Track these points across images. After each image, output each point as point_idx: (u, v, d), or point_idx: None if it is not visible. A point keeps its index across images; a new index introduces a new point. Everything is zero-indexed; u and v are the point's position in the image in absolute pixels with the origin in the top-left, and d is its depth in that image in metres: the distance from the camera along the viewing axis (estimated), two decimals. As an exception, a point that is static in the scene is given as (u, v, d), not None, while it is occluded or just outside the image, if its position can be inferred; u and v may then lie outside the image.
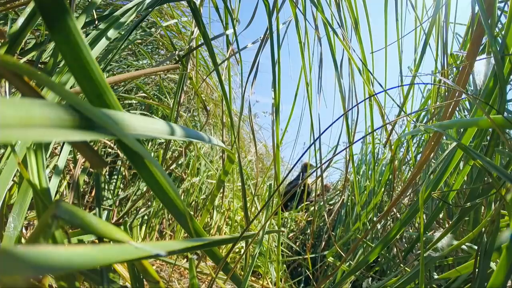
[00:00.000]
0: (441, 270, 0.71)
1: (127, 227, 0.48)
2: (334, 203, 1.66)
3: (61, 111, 0.13)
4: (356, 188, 0.83)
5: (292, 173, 2.47)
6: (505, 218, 0.45)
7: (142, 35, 1.28)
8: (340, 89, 0.73)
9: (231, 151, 0.46)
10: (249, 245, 0.46)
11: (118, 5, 1.19)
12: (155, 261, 0.88)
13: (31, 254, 0.10)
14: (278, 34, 0.64)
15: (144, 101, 1.17)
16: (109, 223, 0.18)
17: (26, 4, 0.44)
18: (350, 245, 1.03)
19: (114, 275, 0.26)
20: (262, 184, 1.67)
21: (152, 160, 0.19)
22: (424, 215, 0.78)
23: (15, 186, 0.47)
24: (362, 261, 0.51)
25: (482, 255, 0.37)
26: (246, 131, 2.20)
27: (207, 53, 1.53)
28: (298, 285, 1.15)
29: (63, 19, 0.16)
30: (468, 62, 0.47)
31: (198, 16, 0.57)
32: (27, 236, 0.44)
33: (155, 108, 1.28)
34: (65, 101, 0.13)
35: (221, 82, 0.60)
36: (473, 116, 0.43)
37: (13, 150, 0.29)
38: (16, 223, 0.29)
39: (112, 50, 0.49)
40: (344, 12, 0.72)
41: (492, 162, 0.34)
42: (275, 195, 0.79)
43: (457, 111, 0.83)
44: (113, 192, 1.03)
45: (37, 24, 0.39)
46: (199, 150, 1.28)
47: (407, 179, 0.61)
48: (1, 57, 0.13)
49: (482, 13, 0.42)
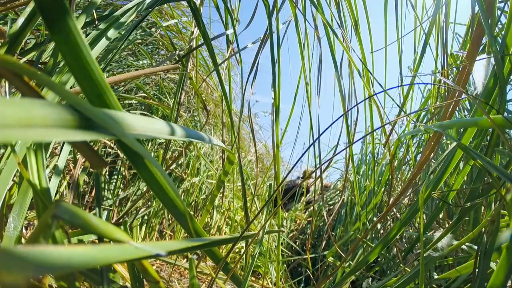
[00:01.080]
0: (441, 270, 0.71)
1: (127, 227, 0.48)
2: (334, 203, 1.66)
3: (61, 111, 0.13)
4: (356, 188, 0.83)
5: (292, 173, 2.47)
6: (505, 218, 0.45)
7: (142, 35, 1.28)
8: (340, 89, 0.73)
9: (231, 151, 0.46)
10: (249, 245, 0.46)
11: (118, 5, 1.19)
12: (155, 261, 0.88)
13: (31, 254, 0.10)
14: (278, 34, 0.64)
15: (144, 101, 1.17)
16: (109, 223, 0.18)
17: (26, 4, 0.44)
18: (350, 245, 1.03)
19: (114, 275, 0.26)
20: (262, 184, 1.67)
21: (152, 160, 0.19)
22: (424, 215, 0.78)
23: (15, 186, 0.47)
24: (362, 261, 0.51)
25: (482, 255, 0.37)
26: (246, 131, 2.21)
27: (207, 53, 1.53)
28: (298, 285, 1.15)
29: (63, 19, 0.16)
30: (468, 62, 0.47)
31: (198, 16, 0.57)
32: (27, 236, 0.44)
33: (155, 108, 1.28)
34: (65, 101, 0.13)
35: (221, 82, 0.60)
36: (473, 116, 0.43)
37: (13, 150, 0.29)
38: (16, 223, 0.29)
39: (112, 50, 0.49)
40: (344, 12, 0.72)
41: (492, 162, 0.34)
42: (275, 195, 0.79)
43: (457, 111, 0.83)
44: (113, 192, 1.03)
45: (37, 24, 0.39)
46: (199, 150, 1.28)
47: (407, 179, 0.61)
48: (1, 57, 0.13)
49: (482, 13, 0.42)
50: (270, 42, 0.60)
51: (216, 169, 1.31)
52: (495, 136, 0.43)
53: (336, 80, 0.72)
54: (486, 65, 0.44)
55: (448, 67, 0.67)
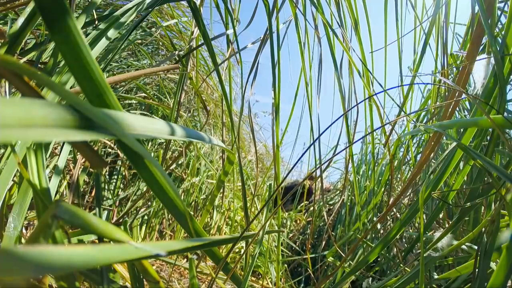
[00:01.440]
0: (441, 270, 0.71)
1: (127, 227, 0.48)
2: (334, 203, 1.66)
3: (61, 111, 0.13)
4: (356, 188, 0.83)
5: (292, 173, 2.47)
6: (505, 218, 0.45)
7: (142, 35, 1.28)
8: (340, 89, 0.73)
9: (231, 151, 0.46)
10: (249, 245, 0.46)
11: (118, 5, 1.20)
12: (155, 261, 0.88)
13: (31, 254, 0.10)
14: (278, 34, 0.64)
15: (144, 101, 1.17)
16: (109, 223, 0.18)
17: (26, 4, 0.44)
18: (349, 245, 1.03)
19: (114, 275, 0.26)
20: (262, 184, 1.67)
21: (152, 160, 0.19)
22: (424, 215, 0.78)
23: (15, 186, 0.47)
24: (362, 261, 0.51)
25: (482, 255, 0.37)
26: (246, 131, 2.21)
27: (207, 53, 1.53)
28: (298, 285, 1.15)
29: (63, 19, 0.16)
30: (468, 62, 0.47)
31: (198, 16, 0.57)
32: (27, 236, 0.44)
33: (155, 108, 1.28)
34: (65, 101, 0.13)
35: (221, 82, 0.60)
36: (473, 116, 0.43)
37: (13, 150, 0.29)
38: (16, 223, 0.29)
39: (112, 50, 0.49)
40: (344, 11, 0.72)
41: (492, 162, 0.34)
42: (275, 196, 0.79)
43: (457, 111, 0.83)
44: (113, 192, 1.03)
45: (37, 24, 0.39)
46: (199, 150, 1.28)
47: (407, 179, 0.61)
48: (1, 57, 0.13)
49: (482, 13, 0.42)
50: (270, 42, 0.60)
51: (216, 169, 1.31)
52: (495, 136, 0.43)
53: (336, 80, 0.72)
54: (486, 65, 0.44)
55: (448, 67, 0.67)
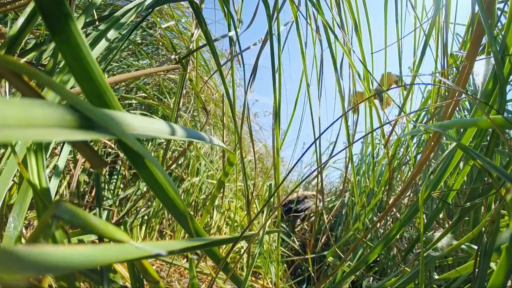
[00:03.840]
0: (441, 270, 0.71)
1: (127, 227, 0.48)
2: (334, 203, 1.65)
3: (61, 111, 0.13)
4: (356, 188, 0.83)
5: (292, 173, 2.46)
6: (505, 218, 0.45)
7: (142, 35, 1.28)
8: (340, 90, 0.73)
9: (232, 151, 0.46)
10: (249, 245, 0.46)
11: (118, 5, 1.19)
12: (155, 261, 0.88)
13: (31, 254, 0.10)
14: (279, 34, 0.64)
15: (144, 101, 1.17)
16: (109, 223, 0.18)
17: (26, 4, 0.44)
18: (349, 246, 1.03)
19: (114, 275, 0.26)
20: (262, 184, 1.67)
21: (152, 160, 0.19)
22: (424, 215, 0.78)
23: (15, 186, 0.47)
24: (362, 261, 0.51)
25: (482, 255, 0.37)
26: (246, 130, 2.21)
27: (207, 54, 1.54)
28: (299, 285, 1.15)
29: (63, 20, 0.16)
30: (468, 62, 0.47)
31: (200, 16, 0.57)
32: (27, 236, 0.44)
33: (155, 108, 1.28)
34: (65, 101, 0.14)
35: (225, 84, 0.60)
36: (473, 116, 0.43)
37: (13, 150, 0.29)
38: (16, 223, 0.29)
39: (112, 51, 0.49)
40: (344, 10, 0.72)
41: (492, 162, 0.34)
42: (275, 196, 0.79)
43: (457, 111, 0.83)
44: (113, 192, 1.03)
45: (37, 24, 0.39)
46: (199, 150, 1.28)
47: (407, 179, 0.61)
48: (1, 57, 0.13)
49: (482, 13, 0.42)
50: (270, 46, 0.60)
51: (216, 169, 1.31)
52: (495, 136, 0.43)
53: (336, 81, 0.72)
54: (486, 65, 0.44)
55: (448, 67, 0.67)
